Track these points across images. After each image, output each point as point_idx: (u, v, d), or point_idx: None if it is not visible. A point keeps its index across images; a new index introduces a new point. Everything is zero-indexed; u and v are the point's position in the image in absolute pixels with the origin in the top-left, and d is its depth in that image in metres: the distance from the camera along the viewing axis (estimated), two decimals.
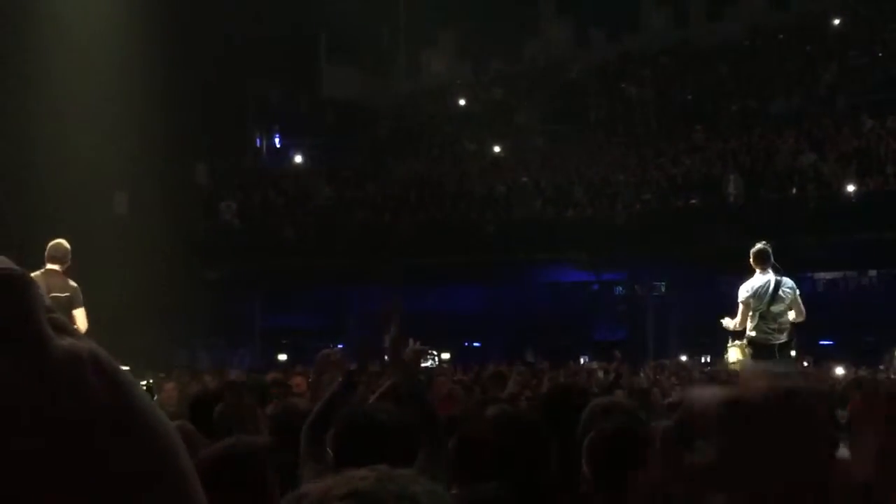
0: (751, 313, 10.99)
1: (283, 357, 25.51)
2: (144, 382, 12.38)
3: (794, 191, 24.71)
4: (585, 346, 27.19)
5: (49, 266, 10.45)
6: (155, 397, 10.67)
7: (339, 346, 29.09)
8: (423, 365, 7.51)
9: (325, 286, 29.13)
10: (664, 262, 26.23)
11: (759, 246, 11.17)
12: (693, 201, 25.84)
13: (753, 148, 26.88)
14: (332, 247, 27.45)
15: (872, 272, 28.93)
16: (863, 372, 18.48)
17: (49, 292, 10.30)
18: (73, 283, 10.56)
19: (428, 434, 3.98)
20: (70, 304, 10.43)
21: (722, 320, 11.37)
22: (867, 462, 2.04)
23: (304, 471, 3.97)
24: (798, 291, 11.12)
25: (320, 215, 29.50)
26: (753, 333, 10.98)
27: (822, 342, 24.28)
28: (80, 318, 10.48)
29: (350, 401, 4.26)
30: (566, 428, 4.15)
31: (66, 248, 10.54)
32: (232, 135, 33.47)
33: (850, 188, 23.83)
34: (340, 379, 4.60)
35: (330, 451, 3.85)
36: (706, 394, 1.87)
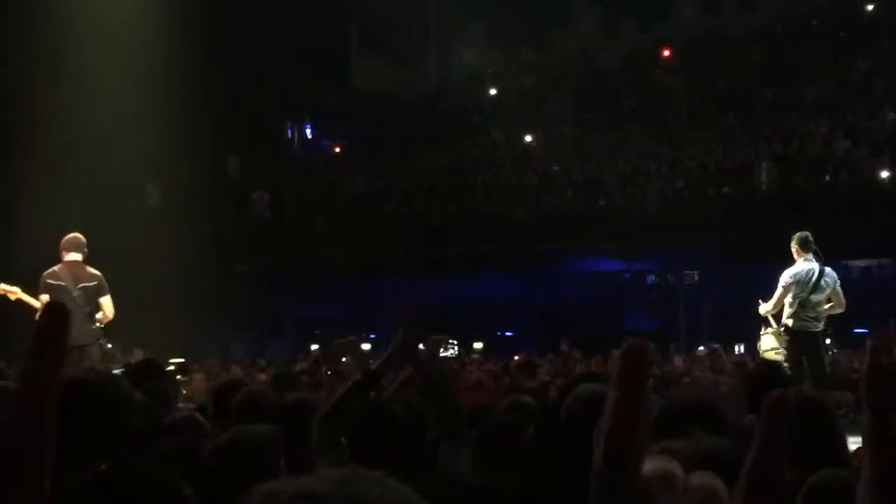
0: (790, 300, 10.94)
1: (315, 348, 25.57)
2: (171, 366, 12.53)
3: (827, 178, 24.54)
4: (617, 336, 27.10)
5: (69, 257, 10.57)
6: (183, 392, 10.75)
7: (371, 336, 29.21)
8: (443, 355, 7.47)
9: (357, 277, 29.17)
10: (696, 251, 26.10)
11: (801, 233, 11.14)
12: (725, 189, 25.70)
13: (786, 135, 26.69)
14: (363, 237, 27.50)
15: None
16: None
17: (78, 283, 10.40)
18: (97, 272, 10.69)
19: (447, 425, 3.96)
20: (98, 292, 10.56)
21: (759, 304, 11.33)
22: None
23: (318, 463, 3.95)
24: (839, 283, 11.08)
25: (352, 206, 29.55)
26: (791, 322, 10.94)
27: (856, 330, 24.09)
28: (108, 305, 10.63)
29: (367, 395, 4.23)
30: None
31: (82, 239, 10.73)
32: (263, 127, 33.58)
33: (884, 174, 23.64)
34: (359, 375, 4.54)
35: (344, 443, 3.82)
36: None
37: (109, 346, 10.76)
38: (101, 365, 10.24)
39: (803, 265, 10.95)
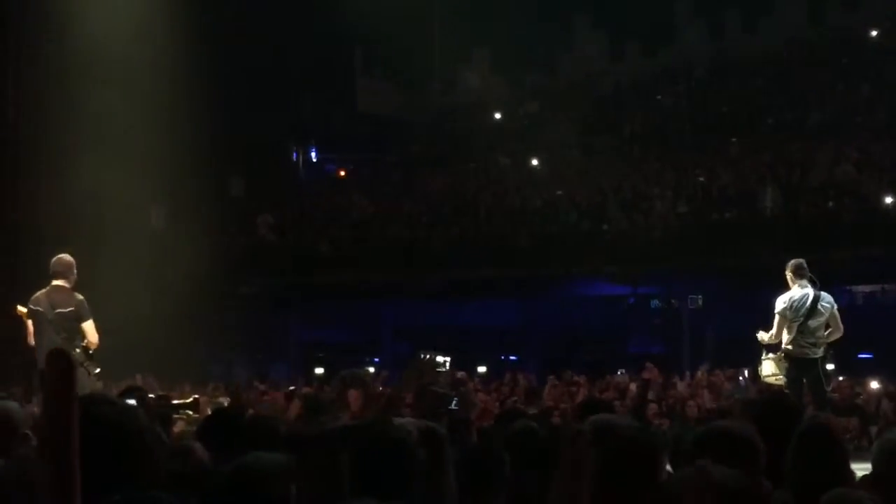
0: (787, 326, 10.97)
1: (319, 371, 25.57)
2: (190, 399, 12.53)
3: (831, 204, 24.54)
4: (621, 360, 27.10)
5: (54, 282, 10.41)
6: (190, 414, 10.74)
7: (375, 360, 29.19)
8: (438, 370, 7.41)
9: (361, 300, 29.18)
10: (700, 276, 26.09)
11: (795, 260, 11.19)
12: (729, 214, 25.70)
13: (790, 161, 26.72)
14: (367, 261, 27.50)
15: None
16: None
17: (54, 308, 10.26)
18: (78, 297, 10.44)
19: (430, 452, 3.85)
20: (77, 318, 10.35)
21: (758, 333, 11.34)
22: None
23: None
24: (836, 307, 11.09)
25: (356, 229, 29.55)
26: (790, 347, 10.96)
27: (860, 356, 24.07)
28: (90, 330, 10.40)
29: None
30: None
31: (69, 262, 10.48)
32: (268, 149, 33.63)
33: (888, 200, 23.67)
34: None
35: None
36: None
37: (98, 370, 10.51)
38: (90, 389, 10.16)
39: (797, 291, 10.99)
